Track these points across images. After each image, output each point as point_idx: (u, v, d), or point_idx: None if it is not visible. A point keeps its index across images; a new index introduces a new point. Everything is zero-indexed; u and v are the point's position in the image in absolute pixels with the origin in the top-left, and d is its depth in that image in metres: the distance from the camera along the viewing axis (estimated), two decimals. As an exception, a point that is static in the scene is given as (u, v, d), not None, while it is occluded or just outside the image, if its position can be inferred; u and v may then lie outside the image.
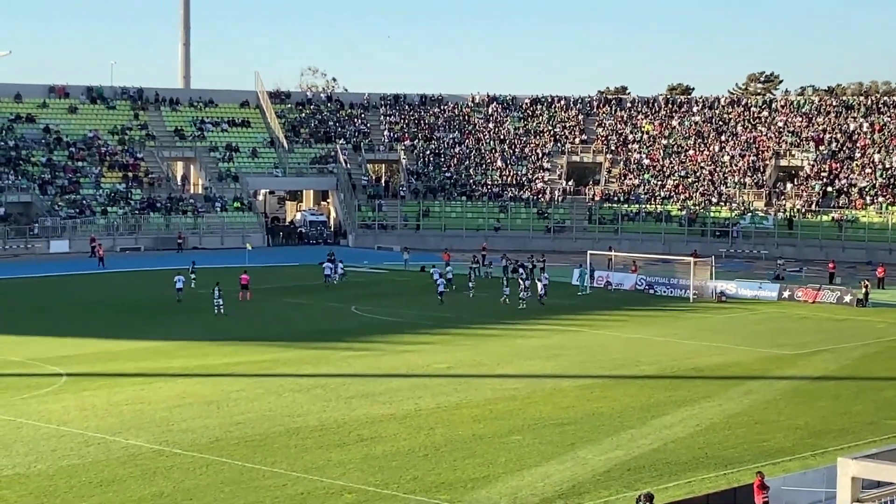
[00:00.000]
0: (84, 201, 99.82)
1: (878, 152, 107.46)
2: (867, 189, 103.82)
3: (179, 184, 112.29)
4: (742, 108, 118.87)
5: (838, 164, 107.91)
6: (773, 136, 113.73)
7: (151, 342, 54.97)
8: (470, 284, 73.06)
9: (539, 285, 69.82)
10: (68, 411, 39.83)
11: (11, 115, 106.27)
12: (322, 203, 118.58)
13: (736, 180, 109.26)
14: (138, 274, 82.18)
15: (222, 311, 62.84)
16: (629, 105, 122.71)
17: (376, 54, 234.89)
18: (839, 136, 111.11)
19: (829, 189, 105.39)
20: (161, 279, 74.19)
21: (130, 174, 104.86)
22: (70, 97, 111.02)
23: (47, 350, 52.16)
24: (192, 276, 73.47)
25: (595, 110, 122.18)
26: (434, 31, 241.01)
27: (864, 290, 71.78)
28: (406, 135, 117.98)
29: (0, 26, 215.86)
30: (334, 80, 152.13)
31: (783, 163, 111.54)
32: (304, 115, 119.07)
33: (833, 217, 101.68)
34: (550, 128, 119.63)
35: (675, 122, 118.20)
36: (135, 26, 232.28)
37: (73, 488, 31.02)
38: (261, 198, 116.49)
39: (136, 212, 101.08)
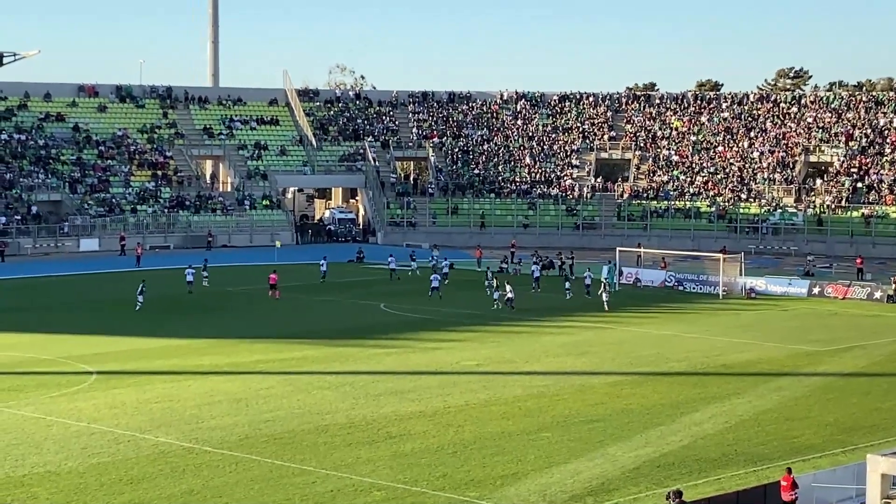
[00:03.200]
0: (114, 200, 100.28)
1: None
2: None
3: (208, 182, 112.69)
4: (771, 104, 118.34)
5: (868, 160, 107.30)
6: (802, 131, 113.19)
7: (181, 340, 55.17)
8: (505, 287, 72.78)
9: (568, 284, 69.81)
10: (98, 409, 40.01)
11: (41, 114, 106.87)
12: (351, 201, 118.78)
13: (765, 176, 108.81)
14: (167, 272, 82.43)
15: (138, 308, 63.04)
16: (658, 101, 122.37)
17: (404, 52, 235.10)
18: (869, 131, 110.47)
19: (859, 185, 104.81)
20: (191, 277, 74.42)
21: (160, 173, 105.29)
22: (99, 96, 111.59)
23: (77, 348, 52.42)
24: (205, 274, 73.57)
25: (624, 107, 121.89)
26: (462, 28, 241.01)
27: (893, 286, 71.35)
28: (434, 132, 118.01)
29: (30, 25, 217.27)
30: (363, 77, 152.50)
31: (812, 159, 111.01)
32: (332, 112, 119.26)
33: (863, 213, 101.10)
34: (579, 124, 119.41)
35: (704, 119, 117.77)
36: (164, 25, 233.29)
37: (104, 486, 31.16)
38: (289, 196, 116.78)
39: (166, 210, 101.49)
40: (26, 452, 34.24)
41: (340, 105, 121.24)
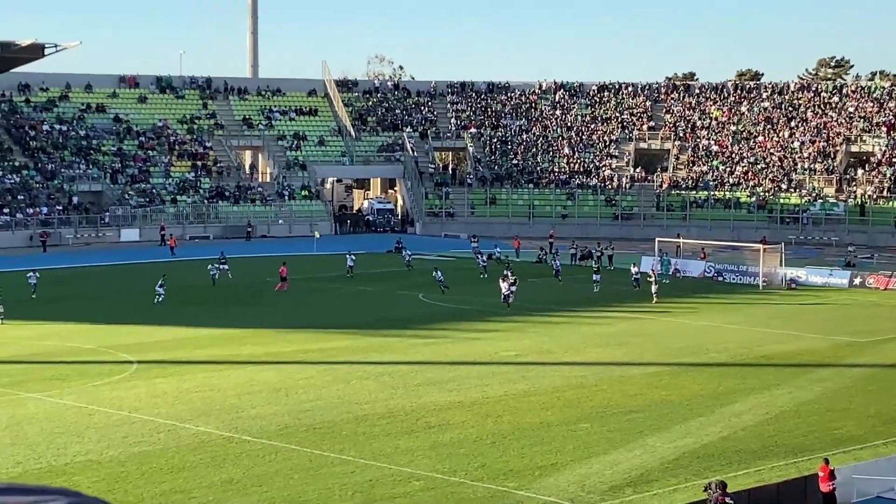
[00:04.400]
0: (154, 190, 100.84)
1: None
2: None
3: (248, 173, 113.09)
4: (812, 94, 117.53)
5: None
6: (843, 121, 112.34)
7: (220, 329, 55.44)
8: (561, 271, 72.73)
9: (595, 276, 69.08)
10: (139, 398, 40.27)
11: (83, 105, 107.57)
12: (389, 191, 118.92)
13: (806, 166, 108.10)
14: (207, 262, 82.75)
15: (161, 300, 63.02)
16: (697, 91, 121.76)
17: (443, 42, 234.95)
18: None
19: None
20: (231, 267, 74.68)
21: (199, 163, 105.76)
22: (140, 87, 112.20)
23: (118, 338, 52.78)
24: (224, 265, 73.70)
25: (663, 97, 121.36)
26: (500, 18, 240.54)
27: (937, 276, 70.81)
28: (473, 122, 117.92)
29: (71, 17, 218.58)
30: (401, 68, 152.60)
31: (854, 148, 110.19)
32: (371, 103, 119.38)
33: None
34: (618, 114, 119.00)
35: (743, 108, 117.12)
36: (203, 16, 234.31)
37: (145, 474, 31.35)
38: (328, 186, 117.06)
39: (205, 201, 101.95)
40: (68, 441, 34.51)
41: (379, 95, 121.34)
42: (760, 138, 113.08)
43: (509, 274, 64.63)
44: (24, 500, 2.13)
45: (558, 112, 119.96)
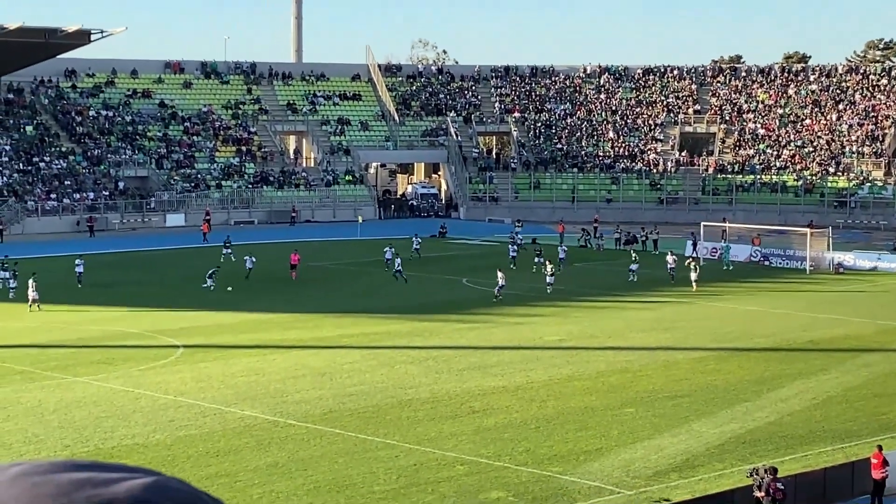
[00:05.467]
0: (199, 175, 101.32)
1: None
2: None
3: (292, 158, 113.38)
4: (860, 76, 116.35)
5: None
6: (892, 104, 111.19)
7: (266, 314, 55.62)
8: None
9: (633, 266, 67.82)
10: (185, 382, 40.50)
11: (128, 90, 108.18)
12: (433, 176, 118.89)
13: (854, 150, 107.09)
14: (253, 247, 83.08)
15: (212, 287, 62.68)
16: (744, 74, 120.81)
17: (487, 26, 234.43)
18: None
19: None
20: (275, 252, 74.93)
21: (244, 148, 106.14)
22: (185, 72, 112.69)
23: (164, 322, 53.10)
24: (228, 250, 73.68)
25: (709, 80, 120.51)
26: (544, 2, 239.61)
27: None
28: (517, 107, 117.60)
29: (117, 3, 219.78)
30: (445, 52, 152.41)
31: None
32: (414, 87, 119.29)
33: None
34: (663, 98, 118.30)
35: (791, 91, 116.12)
36: (248, 1, 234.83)
37: (191, 458, 31.54)
38: (372, 171, 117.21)
39: (250, 186, 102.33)
40: (115, 425, 34.76)
41: (423, 80, 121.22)
42: (808, 121, 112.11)
43: (546, 262, 64.03)
44: (110, 475, 2.13)
45: (603, 96, 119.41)
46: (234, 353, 45.88)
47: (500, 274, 60.93)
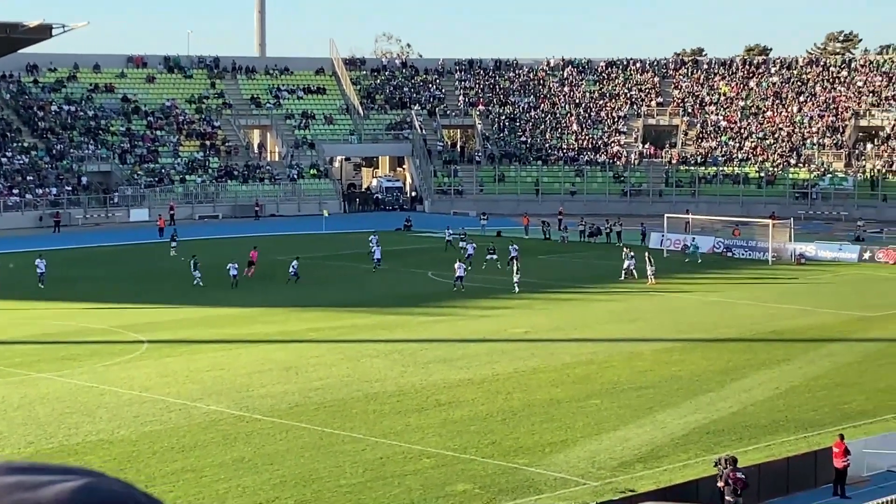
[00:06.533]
0: (162, 170, 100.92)
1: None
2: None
3: (256, 152, 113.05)
4: (821, 68, 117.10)
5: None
6: (852, 95, 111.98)
7: (231, 309, 55.50)
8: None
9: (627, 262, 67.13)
10: (150, 378, 40.38)
11: (91, 85, 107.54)
12: (398, 169, 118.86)
13: (815, 141, 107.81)
14: (216, 242, 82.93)
15: (201, 283, 61.95)
16: (706, 67, 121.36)
17: (450, 19, 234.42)
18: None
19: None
20: (238, 247, 74.69)
21: (208, 143, 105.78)
22: (148, 67, 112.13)
23: (129, 317, 52.91)
24: (174, 244, 73.35)
25: (671, 72, 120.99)
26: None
27: (947, 250, 70.66)
28: (481, 100, 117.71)
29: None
30: (409, 45, 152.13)
31: (863, 123, 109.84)
32: (378, 81, 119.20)
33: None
34: (626, 91, 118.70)
35: (752, 84, 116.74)
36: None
37: (156, 454, 31.47)
38: (337, 164, 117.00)
39: (214, 180, 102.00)
40: (80, 421, 34.64)
41: (387, 73, 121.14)
42: (769, 113, 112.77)
43: (517, 261, 63.14)
44: (42, 478, 2.12)
45: (566, 89, 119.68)
46: (199, 348, 45.79)
47: (458, 265, 61.01)
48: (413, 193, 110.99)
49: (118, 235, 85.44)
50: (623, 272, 64.31)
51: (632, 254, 65.42)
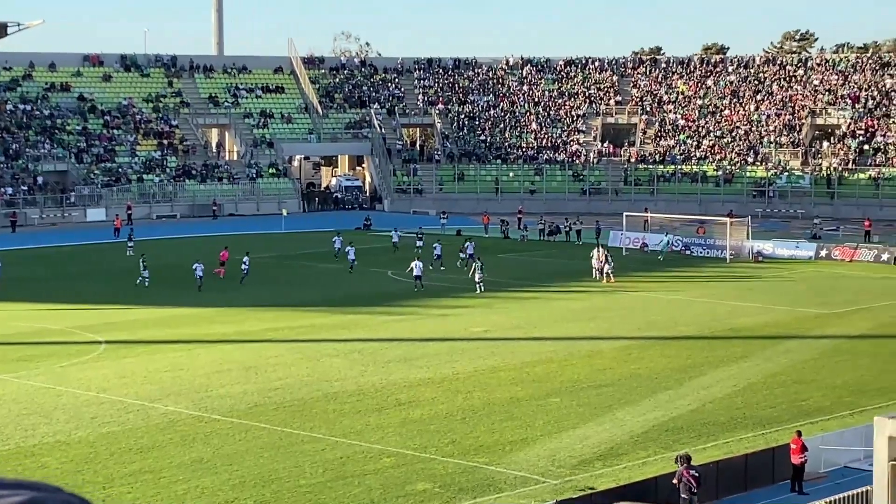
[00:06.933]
0: (120, 169, 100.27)
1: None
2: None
3: (214, 151, 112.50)
4: (777, 67, 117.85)
5: (874, 122, 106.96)
6: (808, 94, 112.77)
7: (189, 309, 55.26)
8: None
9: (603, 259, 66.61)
10: (108, 379, 40.14)
11: (46, 84, 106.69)
12: (357, 168, 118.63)
13: (772, 140, 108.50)
14: (174, 241, 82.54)
15: (147, 283, 61.39)
16: (664, 65, 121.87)
17: (409, 18, 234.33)
18: (875, 93, 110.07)
19: (866, 147, 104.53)
20: (197, 247, 74.42)
21: (165, 142, 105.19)
22: (104, 65, 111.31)
23: (86, 318, 52.55)
24: (130, 244, 72.92)
25: (629, 71, 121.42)
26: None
27: (902, 248, 71.27)
28: (440, 99, 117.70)
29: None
30: (367, 44, 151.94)
31: (819, 121, 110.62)
32: (337, 80, 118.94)
33: (870, 175, 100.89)
34: (585, 89, 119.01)
35: (710, 82, 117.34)
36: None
37: (114, 455, 31.28)
38: (296, 164, 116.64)
39: (172, 179, 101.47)
40: (37, 422, 34.38)
41: (346, 72, 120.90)
42: (727, 112, 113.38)
43: (478, 263, 62.53)
44: None
45: (525, 87, 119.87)
46: (157, 349, 45.55)
47: (416, 263, 60.92)
48: (372, 192, 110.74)
49: (75, 235, 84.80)
50: (596, 272, 64.08)
51: (605, 254, 65.13)
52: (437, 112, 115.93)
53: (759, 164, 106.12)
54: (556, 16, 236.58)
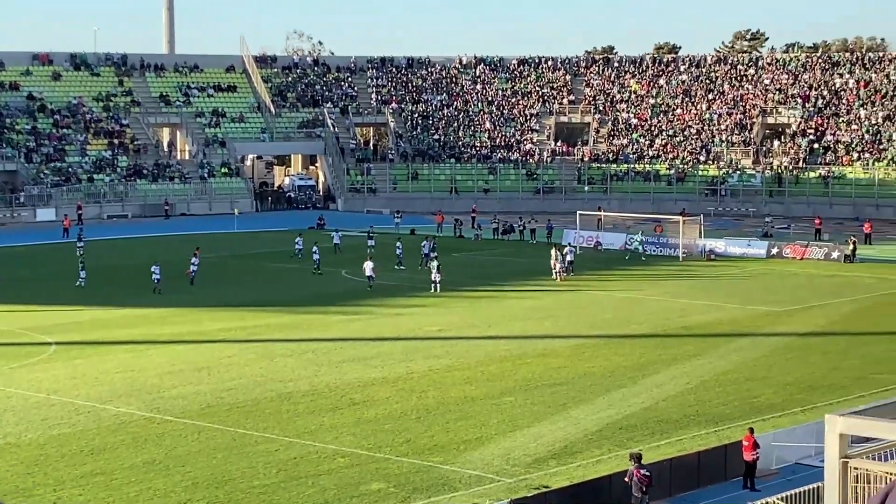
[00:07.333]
0: (70, 169, 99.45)
1: (864, 108, 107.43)
2: (853, 145, 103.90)
3: (166, 150, 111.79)
4: (729, 66, 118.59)
5: (824, 121, 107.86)
6: (759, 93, 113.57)
7: (141, 309, 54.84)
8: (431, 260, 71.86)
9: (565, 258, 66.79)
10: (58, 380, 39.78)
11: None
12: (310, 167, 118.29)
13: (723, 138, 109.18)
14: (126, 241, 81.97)
15: (83, 284, 60.78)
16: (616, 65, 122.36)
17: (362, 17, 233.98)
18: (825, 92, 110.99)
19: (816, 146, 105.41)
20: (149, 247, 73.97)
21: (116, 141, 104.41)
22: (54, 64, 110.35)
23: (36, 319, 52.08)
24: (80, 244, 72.45)
25: (582, 70, 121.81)
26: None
27: (851, 245, 71.84)
28: (394, 97, 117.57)
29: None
30: (320, 43, 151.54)
31: (770, 120, 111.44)
32: (290, 79, 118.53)
33: (820, 174, 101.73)
34: (538, 88, 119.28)
35: (662, 81, 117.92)
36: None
37: (65, 457, 31.00)
38: (248, 163, 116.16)
39: (123, 179, 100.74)
40: (-14, 425, 34.00)
41: (298, 71, 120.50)
42: (679, 111, 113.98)
43: (435, 263, 62.25)
44: None
45: (479, 86, 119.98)
46: (108, 350, 45.20)
47: (368, 264, 60.73)
48: (326, 192, 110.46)
49: (24, 236, 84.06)
50: (555, 273, 64.07)
51: (560, 252, 65.05)
52: (391, 111, 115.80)
53: (711, 162, 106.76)
54: (510, 15, 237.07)
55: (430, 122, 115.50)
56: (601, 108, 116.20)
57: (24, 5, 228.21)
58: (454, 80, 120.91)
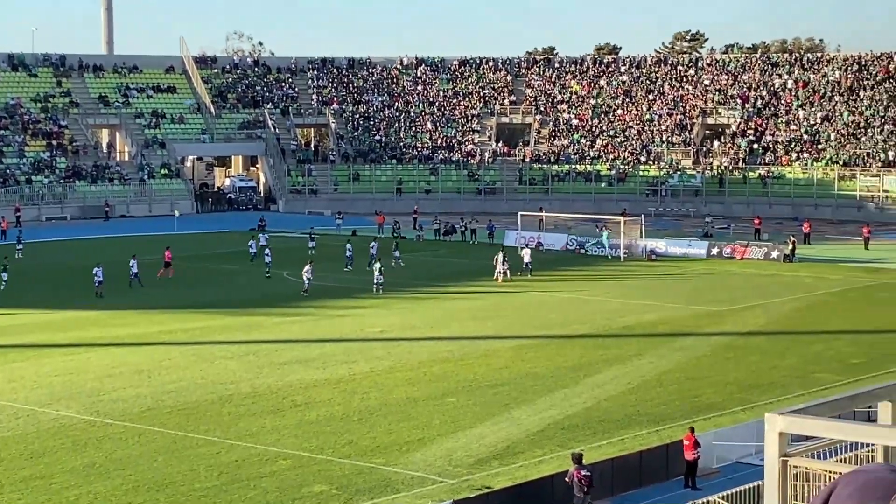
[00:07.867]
0: (7, 170, 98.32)
1: (803, 108, 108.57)
2: (792, 145, 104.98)
3: (105, 151, 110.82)
4: (669, 67, 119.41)
5: (764, 122, 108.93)
6: (699, 94, 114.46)
7: (81, 312, 54.31)
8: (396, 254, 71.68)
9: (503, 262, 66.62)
10: (-4, 384, 39.29)
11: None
12: (251, 168, 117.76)
13: (664, 139, 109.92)
14: (64, 243, 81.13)
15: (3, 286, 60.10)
16: (557, 65, 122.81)
17: (302, 18, 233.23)
18: (764, 93, 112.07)
19: (756, 146, 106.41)
20: (89, 249, 73.26)
21: (54, 142, 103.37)
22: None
23: (-27, 322, 51.37)
24: (19, 247, 71.77)
25: (523, 71, 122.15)
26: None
27: (790, 245, 72.55)
28: (335, 98, 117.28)
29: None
30: (261, 44, 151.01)
31: (710, 121, 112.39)
32: (230, 80, 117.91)
33: (759, 174, 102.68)
34: (479, 89, 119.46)
35: (602, 82, 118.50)
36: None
37: (3, 461, 30.63)
38: (188, 164, 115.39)
39: (62, 180, 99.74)
40: (-78, 430, 33.52)
41: (239, 72, 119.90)
42: (619, 111, 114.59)
43: (377, 264, 62.02)
44: None
45: (420, 87, 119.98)
46: (47, 353, 44.71)
47: (307, 267, 60.30)
48: (267, 193, 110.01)
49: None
50: (498, 274, 63.90)
51: (525, 252, 65.37)
52: (332, 112, 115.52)
53: (651, 163, 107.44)
54: (450, 15, 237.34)
55: (372, 122, 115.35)
56: (542, 108, 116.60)
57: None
58: (395, 80, 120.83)
